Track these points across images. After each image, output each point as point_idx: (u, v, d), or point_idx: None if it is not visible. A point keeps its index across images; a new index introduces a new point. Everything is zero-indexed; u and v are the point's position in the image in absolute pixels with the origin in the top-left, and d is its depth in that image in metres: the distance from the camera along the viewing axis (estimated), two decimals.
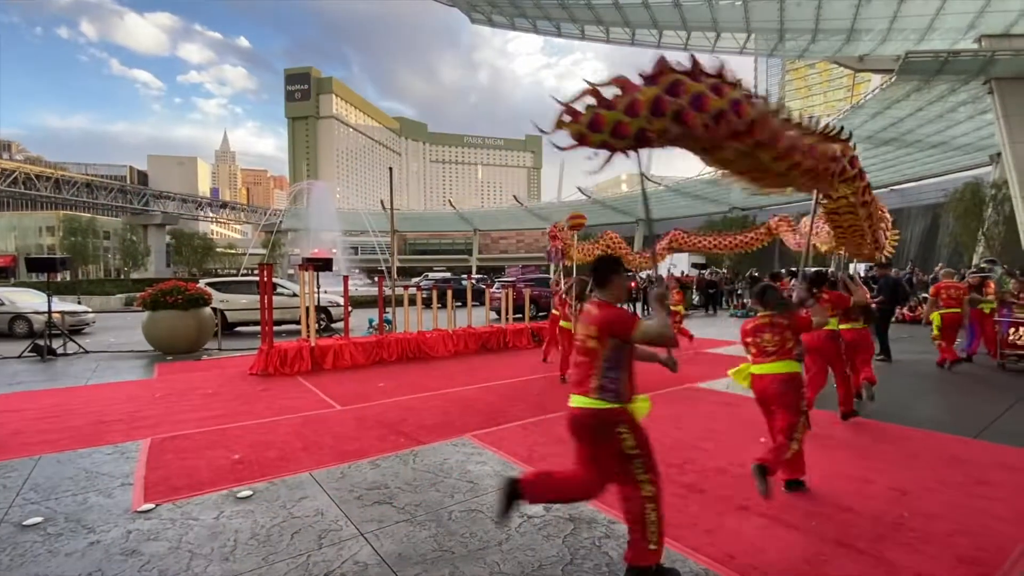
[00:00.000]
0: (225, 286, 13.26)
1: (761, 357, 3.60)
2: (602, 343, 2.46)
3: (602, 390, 2.45)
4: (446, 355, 9.40)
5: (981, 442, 4.56)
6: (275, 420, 5.29)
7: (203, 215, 68.36)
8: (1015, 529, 2.98)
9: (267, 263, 9.21)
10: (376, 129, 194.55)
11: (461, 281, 23.48)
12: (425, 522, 3.09)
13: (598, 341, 2.46)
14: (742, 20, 22.41)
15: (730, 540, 2.91)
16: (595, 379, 2.46)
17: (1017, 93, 19.25)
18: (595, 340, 2.46)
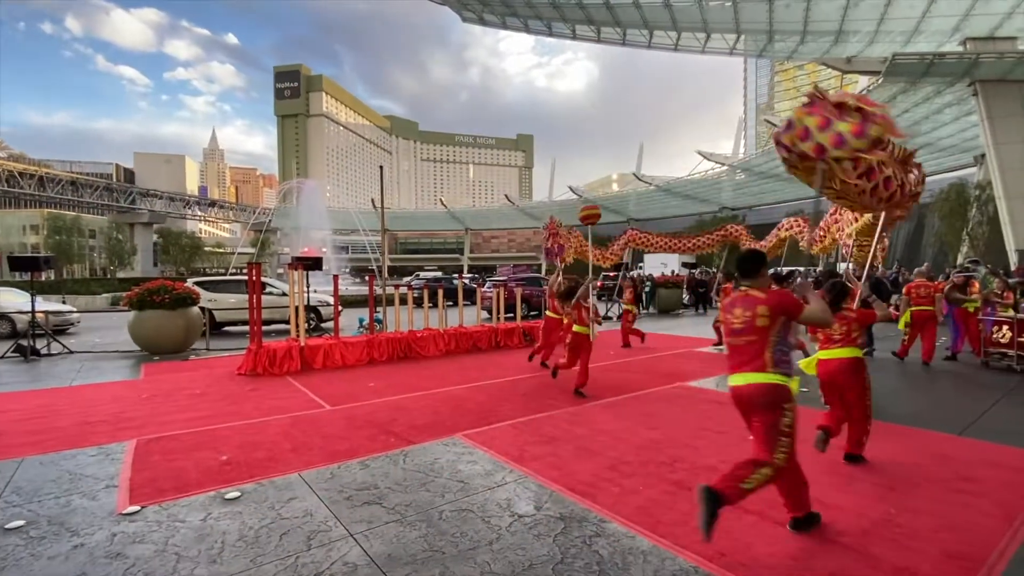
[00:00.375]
0: (213, 285, 13.12)
1: (828, 344, 4.17)
2: (773, 322, 2.83)
3: (777, 364, 2.83)
4: (437, 355, 9.37)
5: (966, 439, 4.62)
6: (264, 420, 5.25)
7: (191, 214, 67.64)
8: (999, 525, 3.03)
9: (256, 262, 9.13)
10: (366, 127, 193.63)
11: (452, 280, 23.43)
12: (415, 522, 3.08)
13: (769, 320, 2.82)
14: (732, 21, 22.57)
15: (720, 537, 2.91)
16: (768, 354, 2.83)
17: (1001, 95, 19.59)
18: (766, 319, 2.81)
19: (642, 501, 3.37)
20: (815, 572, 2.57)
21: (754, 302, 2.88)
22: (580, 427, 5.01)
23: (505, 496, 3.45)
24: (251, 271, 8.13)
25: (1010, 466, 3.94)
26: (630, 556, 2.74)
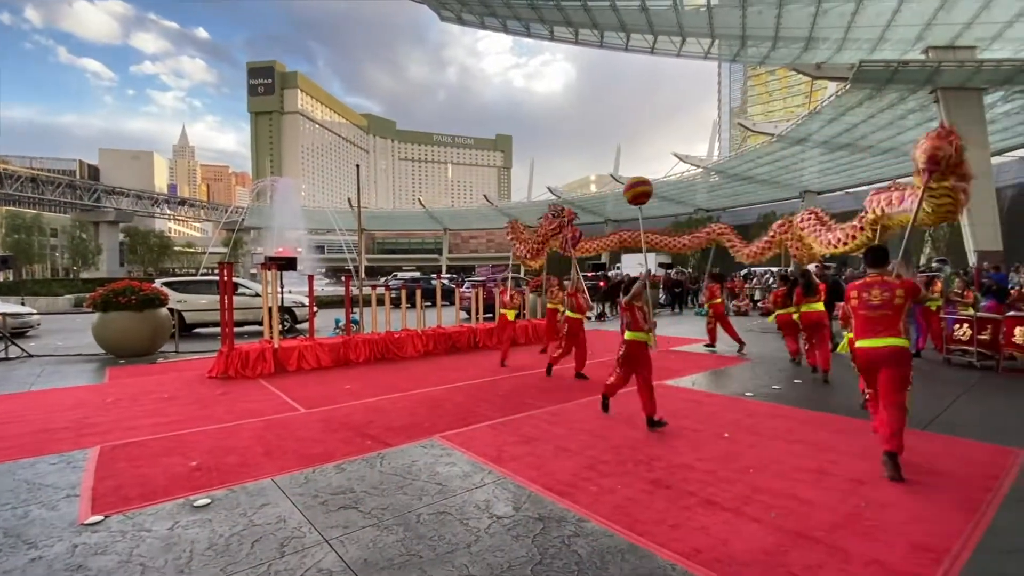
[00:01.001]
0: (183, 286, 12.75)
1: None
2: (907, 302, 3.87)
3: (906, 332, 3.98)
4: (415, 355, 9.29)
5: (930, 433, 4.78)
6: (236, 424, 5.11)
7: (160, 212, 65.64)
8: (962, 516, 3.13)
9: (228, 262, 8.89)
10: (343, 126, 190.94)
11: (431, 280, 23.28)
12: (392, 526, 3.03)
13: (905, 300, 3.84)
14: (706, 26, 22.95)
15: (696, 535, 2.95)
16: (902, 325, 3.90)
17: (961, 102, 20.37)
18: (902, 299, 3.83)
19: (620, 500, 3.39)
20: (789, 567, 2.62)
21: (892, 286, 3.88)
22: (559, 427, 5.02)
23: (484, 497, 3.42)
24: (222, 271, 7.93)
25: (971, 459, 4.09)
26: (608, 555, 2.74)
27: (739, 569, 2.61)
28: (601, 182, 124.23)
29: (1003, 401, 6.07)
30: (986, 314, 8.10)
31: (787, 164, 36.02)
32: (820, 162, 34.64)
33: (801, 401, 6.02)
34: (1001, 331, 7.49)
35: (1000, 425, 5.03)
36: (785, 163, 35.81)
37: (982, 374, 7.43)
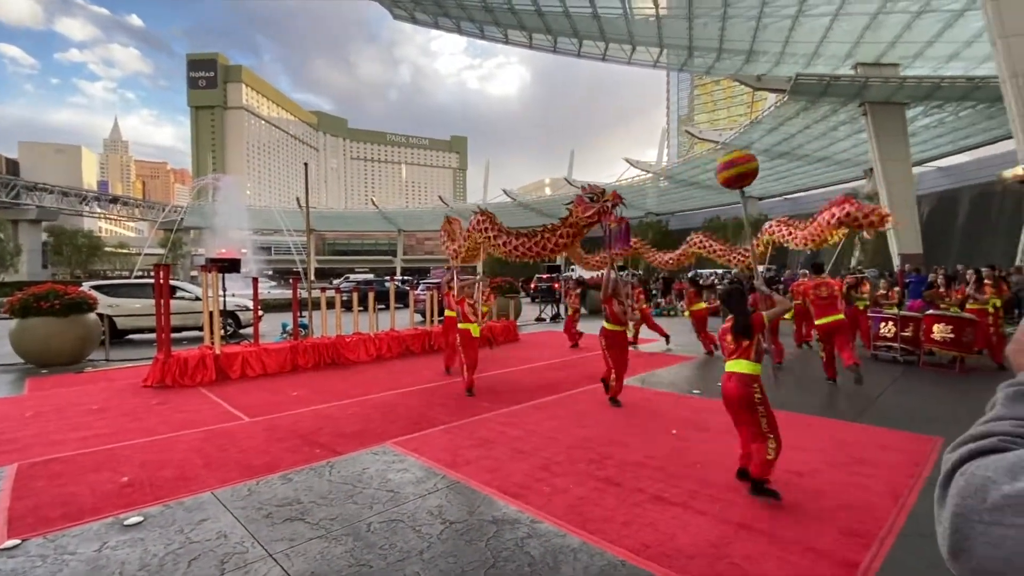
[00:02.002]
0: (115, 289, 11.95)
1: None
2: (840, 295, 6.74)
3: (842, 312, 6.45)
4: (367, 360, 9.07)
5: (860, 425, 5.10)
6: (172, 436, 4.83)
7: (89, 210, 61.25)
8: (888, 502, 3.35)
9: (165, 264, 8.40)
10: (291, 123, 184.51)
11: (384, 282, 22.85)
12: (341, 536, 2.94)
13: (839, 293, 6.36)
14: (655, 35, 23.71)
15: (645, 530, 3.03)
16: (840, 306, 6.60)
17: (887, 116, 21.93)
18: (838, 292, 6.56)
19: (572, 500, 3.43)
20: (731, 557, 2.72)
21: (831, 284, 6.61)
22: (514, 428, 5.03)
23: (437, 503, 3.38)
24: (158, 273, 7.49)
25: (896, 448, 4.39)
26: (560, 555, 2.77)
27: (685, 562, 2.69)
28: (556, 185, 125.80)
29: (924, 393, 6.56)
30: (908, 312, 8.73)
31: None
32: (761, 169, 36.36)
33: None
34: (921, 328, 8.08)
35: (922, 415, 5.42)
36: None
37: (905, 368, 8.00)
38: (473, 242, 8.03)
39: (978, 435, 0.66)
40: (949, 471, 0.66)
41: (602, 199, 6.24)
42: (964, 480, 0.61)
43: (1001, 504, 0.56)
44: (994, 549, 0.55)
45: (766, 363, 3.89)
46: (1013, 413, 0.66)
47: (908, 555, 2.75)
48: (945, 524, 0.62)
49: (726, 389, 3.61)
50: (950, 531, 0.61)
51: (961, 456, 0.65)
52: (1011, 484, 0.56)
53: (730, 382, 3.59)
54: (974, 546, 0.57)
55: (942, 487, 0.66)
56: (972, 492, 0.59)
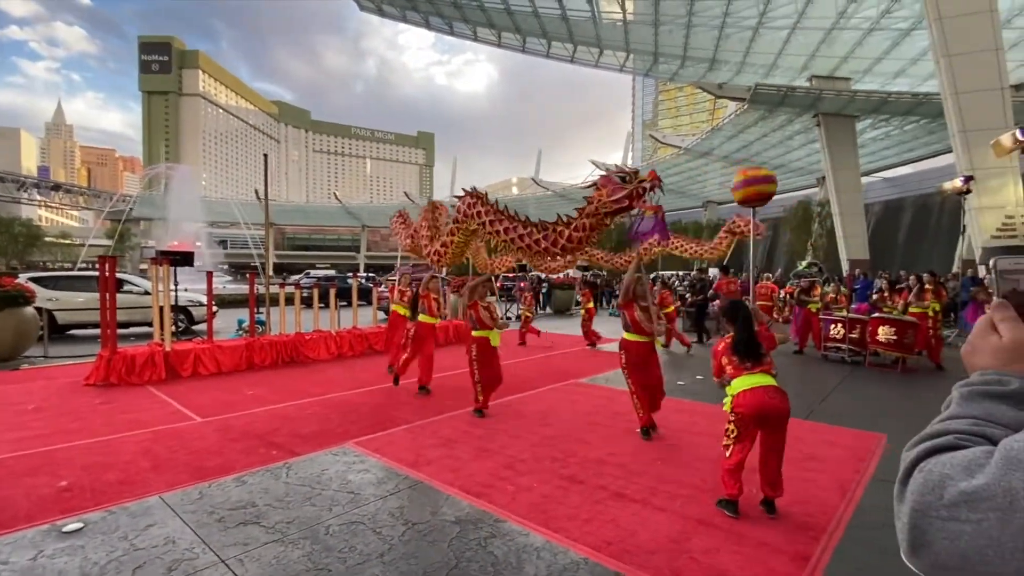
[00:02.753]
0: (55, 282, 11.26)
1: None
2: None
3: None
4: (328, 358, 8.85)
5: (810, 422, 5.31)
6: (117, 437, 4.58)
7: (27, 198, 57.48)
8: (836, 496, 3.50)
9: (111, 256, 7.95)
10: (251, 112, 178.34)
11: (346, 279, 22.36)
12: (298, 540, 2.85)
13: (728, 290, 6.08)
14: (622, 40, 24.07)
15: (607, 527, 3.06)
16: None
17: (838, 127, 22.97)
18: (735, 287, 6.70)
19: (536, 498, 3.43)
20: (692, 552, 2.78)
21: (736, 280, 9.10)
22: (478, 427, 5.00)
23: (398, 504, 3.32)
24: (103, 265, 7.09)
25: (843, 444, 4.59)
26: (524, 554, 2.76)
27: (646, 557, 2.73)
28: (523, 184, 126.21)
29: (870, 392, 6.89)
30: (855, 315, 9.16)
31: (692, 175, 38.68)
32: (721, 175, 37.53)
33: (702, 395, 6.44)
34: (868, 330, 8.49)
35: (867, 413, 5.69)
36: (691, 174, 38.43)
37: (852, 368, 8.39)
38: (464, 233, 6.61)
39: (935, 433, 0.68)
40: (908, 468, 0.67)
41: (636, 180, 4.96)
42: (923, 477, 0.63)
43: (958, 500, 0.57)
44: (951, 544, 0.57)
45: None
46: (968, 411, 0.69)
47: (856, 546, 2.88)
48: (904, 520, 0.64)
49: (769, 405, 3.17)
50: (909, 526, 0.62)
51: (919, 454, 0.67)
52: (967, 481, 0.58)
53: (775, 398, 3.19)
54: (933, 541, 0.59)
55: (901, 484, 0.67)
56: (930, 489, 0.61)
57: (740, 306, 3.48)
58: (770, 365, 3.34)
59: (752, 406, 3.17)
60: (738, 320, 3.41)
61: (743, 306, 3.49)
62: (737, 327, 3.39)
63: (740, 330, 3.36)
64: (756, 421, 3.20)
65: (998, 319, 0.73)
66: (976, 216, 13.08)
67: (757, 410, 3.17)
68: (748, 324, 3.39)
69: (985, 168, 12.66)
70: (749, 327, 3.39)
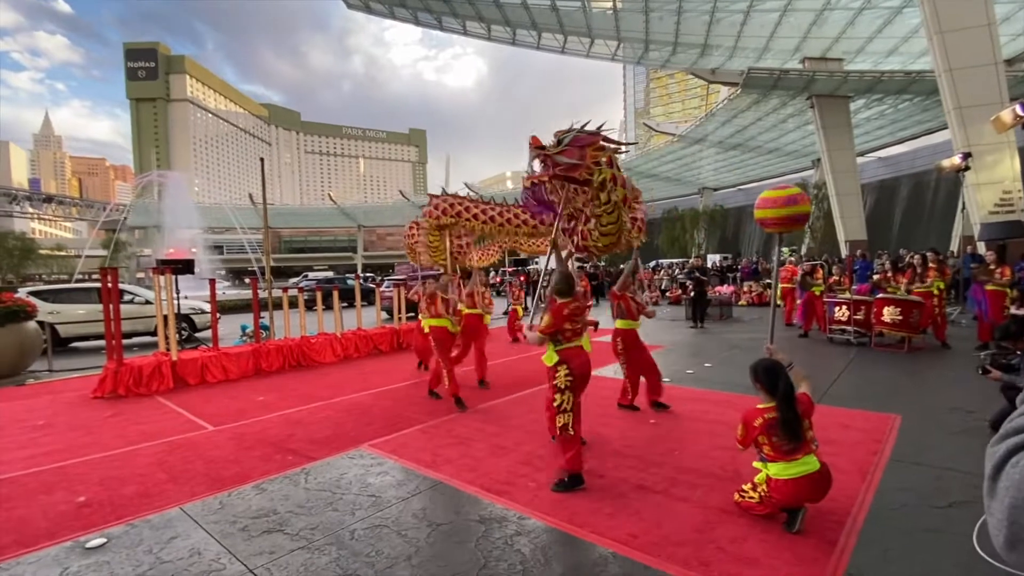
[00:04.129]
0: (55, 295, 11.20)
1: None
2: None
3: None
4: (334, 361, 8.83)
5: (823, 406, 5.30)
6: (131, 450, 4.56)
7: (20, 211, 57.16)
8: (856, 479, 3.51)
9: (110, 266, 7.91)
10: (241, 116, 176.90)
11: (347, 280, 22.33)
12: (324, 546, 2.84)
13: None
14: (613, 29, 23.90)
15: (631, 520, 3.06)
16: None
17: (832, 108, 22.90)
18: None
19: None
20: (718, 541, 2.79)
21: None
22: (492, 425, 5.00)
23: (421, 505, 3.32)
24: (105, 276, 7.05)
25: (857, 427, 4.60)
26: (551, 551, 2.76)
27: (673, 549, 2.73)
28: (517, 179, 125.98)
29: (878, 372, 6.91)
30: (860, 296, 9.17)
31: (687, 162, 38.56)
32: (716, 160, 37.44)
33: (713, 383, 6.45)
34: (872, 311, 8.50)
35: (877, 394, 5.71)
36: (685, 161, 38.31)
37: (858, 349, 8.41)
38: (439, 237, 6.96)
39: (1022, 428, 0.67)
40: (997, 464, 0.66)
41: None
42: (1019, 473, 0.62)
43: None
44: None
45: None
46: None
47: (880, 529, 2.88)
48: (999, 516, 0.63)
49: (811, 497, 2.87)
50: (1008, 523, 0.61)
51: (1009, 448, 0.66)
52: None
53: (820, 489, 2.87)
54: None
55: (991, 479, 0.66)
56: None
57: (780, 372, 2.94)
58: (811, 440, 2.93)
59: (792, 498, 2.85)
60: (778, 392, 2.88)
61: (783, 372, 2.95)
62: (779, 402, 2.87)
63: (783, 408, 2.85)
64: (790, 507, 2.89)
65: None
66: (974, 192, 13.08)
67: (796, 502, 2.86)
68: (790, 398, 2.87)
69: (981, 144, 12.65)
70: (791, 402, 2.86)
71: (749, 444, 2.98)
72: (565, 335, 3.71)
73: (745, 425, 2.97)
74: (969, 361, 6.97)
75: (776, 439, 2.88)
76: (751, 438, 2.95)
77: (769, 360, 3.08)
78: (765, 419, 2.89)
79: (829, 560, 2.59)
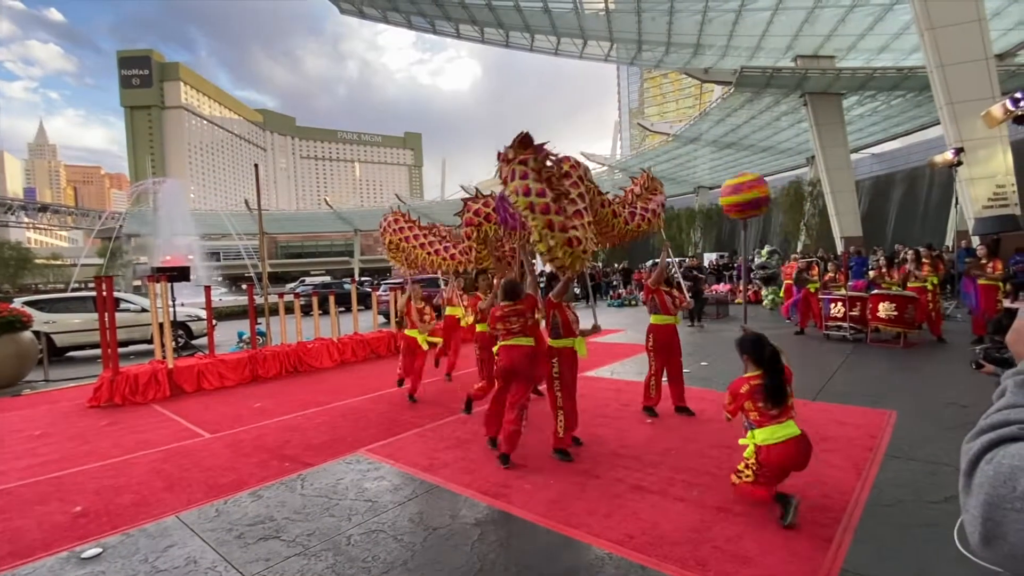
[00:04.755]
0: (51, 304, 11.17)
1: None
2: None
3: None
4: (331, 366, 8.82)
5: (819, 403, 5.33)
6: (127, 459, 4.55)
7: (15, 220, 56.97)
8: (850, 476, 3.52)
9: (106, 275, 7.90)
10: (236, 122, 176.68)
11: (344, 285, 22.31)
12: (320, 552, 2.84)
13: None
14: (606, 30, 23.96)
15: (628, 521, 3.06)
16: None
17: (826, 106, 22.99)
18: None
19: (553, 495, 3.43)
20: (715, 540, 2.79)
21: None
22: None
23: (417, 510, 3.31)
24: (100, 285, 7.03)
25: (853, 423, 4.61)
26: (547, 552, 2.76)
27: (670, 549, 2.74)
28: None
29: (874, 368, 6.93)
30: (855, 293, 9.20)
31: (682, 162, 38.66)
32: (711, 159, 37.54)
33: (707, 381, 6.46)
34: (868, 307, 8.53)
35: (874, 390, 5.72)
36: (680, 161, 38.41)
37: (855, 345, 8.42)
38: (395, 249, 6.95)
39: (997, 424, 0.68)
40: (972, 460, 0.67)
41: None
42: (992, 469, 0.62)
43: None
44: None
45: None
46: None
47: (875, 524, 2.89)
48: (975, 512, 0.63)
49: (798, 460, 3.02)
50: (982, 519, 0.62)
51: (983, 445, 0.66)
52: None
53: (803, 452, 3.03)
54: (1008, 532, 0.58)
55: (966, 476, 0.67)
56: (1002, 481, 0.60)
57: (764, 343, 3.11)
58: (793, 407, 3.11)
59: (781, 463, 3.00)
60: (764, 360, 3.06)
61: (767, 343, 3.13)
62: (765, 369, 3.05)
63: (769, 374, 3.02)
64: (782, 474, 3.05)
65: None
66: (967, 187, 13.13)
67: (786, 466, 3.01)
68: (776, 365, 3.05)
69: (974, 139, 12.69)
70: (778, 369, 3.05)
71: (736, 412, 3.13)
72: (499, 332, 4.27)
73: (732, 394, 3.13)
74: (964, 356, 6.99)
75: (762, 404, 3.02)
76: (738, 405, 3.10)
77: (753, 333, 3.24)
78: (751, 385, 3.05)
79: (825, 557, 2.60)
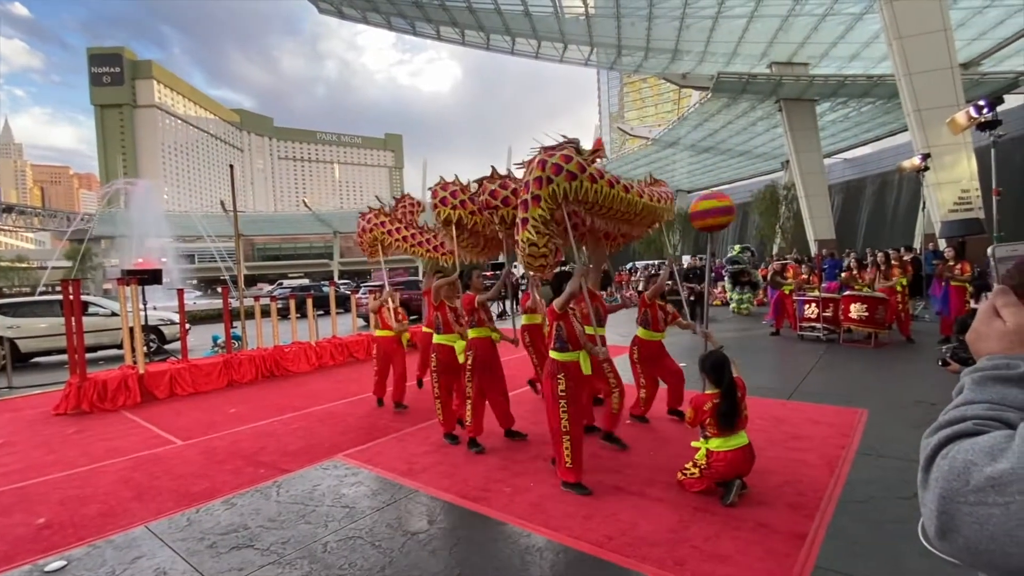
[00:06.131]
0: (15, 308, 10.78)
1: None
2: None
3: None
4: (309, 370, 8.68)
5: (793, 402, 5.43)
6: (94, 467, 4.40)
7: None
8: (824, 473, 3.59)
9: (74, 278, 7.65)
10: (211, 122, 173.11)
11: (322, 288, 22.03)
12: (296, 560, 2.78)
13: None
14: (586, 34, 24.17)
15: (607, 522, 3.07)
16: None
17: (799, 112, 23.54)
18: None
19: (534, 498, 3.43)
20: (691, 540, 2.82)
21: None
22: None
23: (395, 515, 3.27)
24: (67, 288, 6.81)
25: (827, 422, 4.71)
26: (527, 555, 2.75)
27: (648, 550, 2.75)
28: None
29: (846, 368, 7.09)
30: (828, 294, 9.42)
31: (662, 165, 39.14)
32: (689, 163, 38.13)
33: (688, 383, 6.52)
34: (840, 308, 8.73)
35: (846, 389, 5.85)
36: (660, 164, 38.88)
37: (828, 346, 8.62)
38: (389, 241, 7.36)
39: (953, 420, 0.69)
40: (929, 455, 0.68)
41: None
42: (947, 464, 0.64)
43: (984, 485, 0.59)
44: (980, 527, 0.58)
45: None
46: (982, 396, 0.70)
47: (848, 521, 2.95)
48: (931, 506, 0.65)
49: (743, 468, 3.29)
50: (937, 513, 0.63)
51: (939, 441, 0.68)
52: (992, 465, 0.59)
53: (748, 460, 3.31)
54: (961, 526, 0.60)
55: (924, 471, 0.68)
56: (956, 475, 0.62)
57: (725, 367, 3.37)
58: (746, 418, 3.41)
59: (728, 470, 3.25)
60: (723, 384, 3.34)
61: (727, 367, 3.38)
62: (722, 393, 3.32)
63: (725, 399, 3.31)
64: (725, 478, 3.28)
65: (1000, 305, 0.74)
66: (934, 191, 13.56)
67: (732, 471, 3.27)
68: (732, 391, 3.34)
69: (940, 145, 13.12)
70: (733, 393, 3.34)
71: (697, 425, 3.46)
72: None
73: (696, 409, 3.40)
74: (932, 355, 7.20)
75: (718, 422, 3.34)
76: (699, 420, 3.41)
77: (717, 354, 3.49)
78: (713, 404, 3.34)
79: (799, 553, 2.64)
